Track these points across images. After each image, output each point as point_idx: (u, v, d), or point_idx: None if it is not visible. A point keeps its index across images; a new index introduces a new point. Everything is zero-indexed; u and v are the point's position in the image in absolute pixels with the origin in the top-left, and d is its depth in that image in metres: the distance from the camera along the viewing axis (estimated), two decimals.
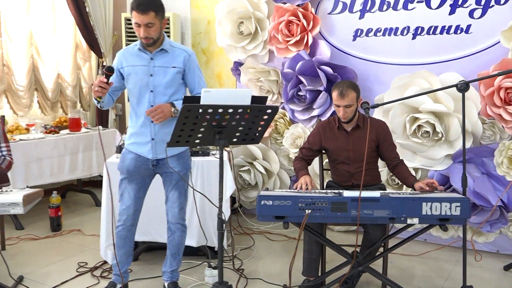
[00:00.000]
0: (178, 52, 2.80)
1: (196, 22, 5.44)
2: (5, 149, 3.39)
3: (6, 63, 4.68)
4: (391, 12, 3.85)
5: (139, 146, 2.83)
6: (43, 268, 3.46)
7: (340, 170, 3.19)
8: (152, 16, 2.61)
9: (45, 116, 5.14)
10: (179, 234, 2.97)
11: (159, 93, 2.76)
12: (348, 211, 2.57)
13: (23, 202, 2.81)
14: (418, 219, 2.57)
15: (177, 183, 2.88)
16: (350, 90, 2.98)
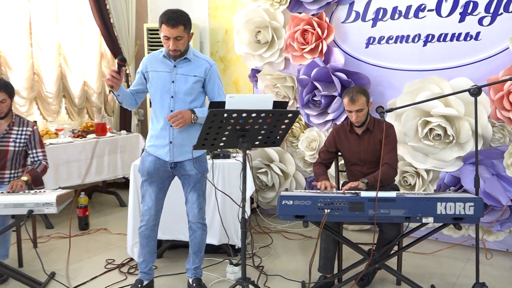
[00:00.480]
0: (201, 62, 2.81)
1: (214, 32, 5.47)
2: (41, 154, 3.43)
3: (36, 71, 4.74)
4: (402, 20, 3.85)
5: (158, 149, 2.84)
6: (73, 265, 3.49)
7: (354, 171, 3.20)
8: (181, 30, 2.63)
9: (72, 121, 5.19)
10: (200, 233, 2.98)
11: (179, 99, 2.77)
12: (366, 210, 2.57)
13: (56, 202, 2.85)
14: (433, 218, 2.56)
15: (195, 185, 2.89)
16: (360, 95, 2.99)
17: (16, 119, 3.36)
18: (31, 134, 3.38)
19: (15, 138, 3.32)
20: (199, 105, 2.84)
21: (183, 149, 2.81)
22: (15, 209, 2.83)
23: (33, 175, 3.28)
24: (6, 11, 4.44)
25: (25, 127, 3.37)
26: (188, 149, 2.76)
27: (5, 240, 3.23)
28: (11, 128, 3.32)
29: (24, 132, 3.35)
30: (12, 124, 3.33)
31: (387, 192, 2.66)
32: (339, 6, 4.12)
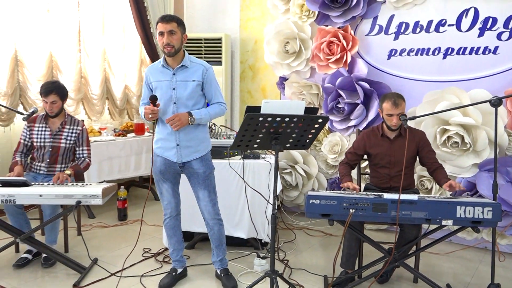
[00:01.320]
0: (197, 67, 2.77)
1: (245, 42, 5.48)
2: (86, 152, 3.48)
3: (83, 75, 4.81)
4: (423, 34, 3.79)
5: (166, 151, 2.82)
6: (113, 252, 3.52)
7: (381, 173, 3.14)
8: (174, 25, 2.65)
9: (113, 121, 5.24)
10: (217, 228, 2.95)
11: (181, 105, 2.74)
12: (388, 211, 2.54)
13: (102, 195, 2.88)
14: (453, 221, 2.51)
15: (204, 182, 2.85)
16: (401, 100, 2.94)
17: (68, 119, 3.42)
18: (80, 132, 3.43)
19: (66, 136, 3.37)
20: (200, 107, 2.80)
21: (189, 150, 2.79)
22: (65, 200, 2.87)
23: (75, 170, 3.33)
24: (59, 20, 4.52)
25: (75, 126, 3.42)
26: (194, 150, 2.78)
27: (55, 227, 3.29)
28: (63, 127, 3.38)
29: (74, 130, 3.41)
30: (64, 123, 3.39)
31: (409, 195, 2.62)
32: (363, 20, 4.08)
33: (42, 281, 2.99)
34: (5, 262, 3.24)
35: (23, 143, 3.37)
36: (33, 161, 3.39)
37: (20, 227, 3.17)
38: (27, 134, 3.36)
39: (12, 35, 4.17)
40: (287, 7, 4.40)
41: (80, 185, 3.02)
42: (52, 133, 3.34)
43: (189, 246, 3.59)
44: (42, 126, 3.35)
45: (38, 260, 3.25)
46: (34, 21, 4.31)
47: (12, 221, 3.18)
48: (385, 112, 2.99)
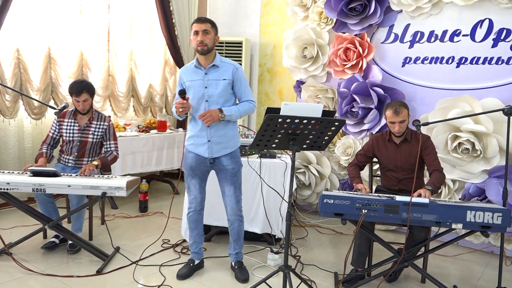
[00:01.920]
0: (227, 66, 2.79)
1: (264, 46, 5.46)
2: (113, 146, 3.50)
3: (111, 74, 4.85)
4: (438, 43, 3.73)
5: (197, 147, 2.83)
6: (134, 242, 3.54)
7: (389, 176, 3.12)
8: (208, 26, 2.69)
9: (138, 117, 5.27)
10: (237, 224, 2.95)
11: (212, 102, 2.75)
12: (400, 213, 2.50)
13: (126, 187, 2.90)
14: (462, 224, 2.47)
15: (231, 178, 2.86)
16: (402, 108, 2.92)
17: (95, 114, 3.44)
18: (107, 128, 3.45)
19: (93, 131, 3.40)
20: (231, 105, 2.81)
21: (220, 146, 2.80)
22: (91, 190, 2.89)
23: (103, 162, 3.35)
24: (90, 21, 4.56)
25: (102, 122, 3.44)
26: (224, 146, 2.79)
27: (80, 216, 3.31)
28: (91, 122, 3.40)
29: (101, 126, 3.43)
30: (92, 118, 3.41)
31: (420, 198, 2.58)
32: (379, 28, 4.03)
33: (67, 266, 3.02)
34: (33, 247, 3.28)
35: (51, 136, 3.40)
36: (62, 154, 3.43)
37: (49, 214, 3.21)
38: (56, 128, 3.39)
39: (46, 34, 4.22)
40: (306, 14, 4.37)
41: (106, 177, 3.05)
42: (80, 128, 3.37)
43: (206, 238, 3.58)
44: (71, 121, 3.37)
45: (64, 246, 3.29)
46: (67, 22, 4.36)
47: (41, 208, 3.21)
48: (388, 119, 2.99)
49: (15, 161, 4.17)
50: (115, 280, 2.86)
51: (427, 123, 2.84)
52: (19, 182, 2.86)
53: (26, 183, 2.86)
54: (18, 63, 4.06)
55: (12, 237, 3.27)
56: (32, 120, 4.23)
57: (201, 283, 2.89)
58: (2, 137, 4.10)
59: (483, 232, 2.50)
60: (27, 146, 4.25)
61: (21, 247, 3.23)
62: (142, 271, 3.00)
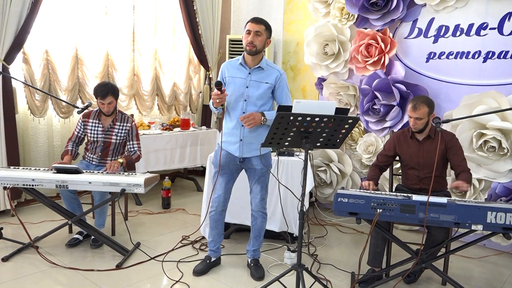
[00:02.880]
0: (272, 71, 2.79)
1: (287, 43, 5.43)
2: (137, 146, 3.57)
3: (136, 73, 4.95)
4: (464, 37, 3.59)
5: (229, 145, 2.84)
6: (155, 237, 3.60)
7: (411, 175, 3.03)
8: (262, 28, 2.69)
9: (162, 116, 5.35)
10: (260, 220, 2.97)
11: (251, 103, 2.76)
12: (416, 213, 2.43)
13: (144, 184, 2.96)
14: (483, 226, 2.37)
15: (259, 178, 2.88)
16: (423, 105, 2.83)
17: (119, 115, 3.52)
18: (129, 129, 3.53)
19: (117, 132, 3.48)
20: (267, 108, 2.82)
21: (251, 147, 2.81)
22: (111, 187, 2.98)
23: (128, 160, 3.43)
24: (116, 22, 4.67)
25: (125, 123, 3.52)
26: (256, 147, 2.78)
27: (103, 212, 3.41)
28: (114, 124, 3.48)
29: (124, 127, 3.51)
30: (115, 120, 3.49)
31: (438, 197, 2.50)
32: (403, 23, 3.92)
33: (90, 260, 3.12)
34: (59, 242, 3.40)
35: (76, 134, 3.51)
36: (87, 152, 3.53)
37: (73, 210, 3.32)
38: (81, 127, 3.50)
39: (73, 36, 4.35)
40: (327, 10, 4.32)
41: (126, 175, 3.12)
42: (104, 129, 3.46)
43: (225, 236, 3.61)
44: (95, 122, 3.47)
45: (88, 241, 3.39)
46: (93, 23, 4.48)
47: (66, 204, 3.33)
48: (407, 112, 2.92)
49: (45, 158, 4.34)
50: (133, 275, 2.93)
51: (447, 120, 2.75)
52: (43, 179, 2.97)
53: (50, 180, 2.97)
54: (47, 64, 4.21)
55: (40, 231, 3.41)
56: (60, 118, 4.38)
57: (217, 279, 2.92)
58: (32, 135, 4.27)
59: (505, 234, 2.39)
60: (56, 143, 4.41)
61: (48, 241, 3.37)
62: (160, 266, 3.06)
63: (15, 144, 3.96)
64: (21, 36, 3.84)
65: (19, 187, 3.05)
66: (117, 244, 3.25)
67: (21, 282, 2.76)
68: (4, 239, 3.30)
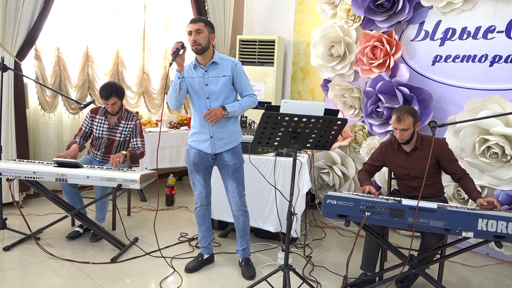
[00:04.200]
0: (226, 63, 2.80)
1: (298, 45, 5.42)
2: (140, 143, 3.64)
3: (145, 71, 5.03)
4: (470, 40, 3.51)
5: (200, 143, 2.86)
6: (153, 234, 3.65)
7: (402, 183, 3.00)
8: (201, 25, 2.69)
9: (171, 114, 5.43)
10: (242, 219, 2.97)
11: (214, 99, 2.77)
12: (405, 218, 2.39)
13: (139, 180, 3.01)
14: (473, 233, 2.31)
15: (233, 174, 2.88)
16: (407, 116, 2.78)
17: (124, 114, 3.59)
18: (133, 126, 3.60)
19: (121, 130, 3.56)
20: (231, 101, 2.82)
21: (222, 142, 2.83)
22: (108, 182, 3.03)
23: (131, 153, 3.49)
24: (127, 21, 4.76)
25: (130, 121, 3.59)
26: (226, 141, 2.82)
27: (103, 206, 3.48)
28: (119, 122, 3.56)
29: (129, 125, 3.58)
30: (121, 118, 3.56)
31: (429, 202, 2.45)
32: (409, 25, 3.86)
33: (87, 253, 3.19)
34: (61, 234, 3.49)
35: (84, 129, 3.59)
36: (92, 147, 3.62)
37: (73, 204, 3.41)
38: (89, 122, 3.58)
39: (84, 34, 4.47)
40: (334, 11, 4.29)
41: (125, 171, 3.18)
42: (109, 126, 3.53)
43: (223, 234, 3.64)
44: (101, 118, 3.55)
45: (88, 234, 3.47)
46: (104, 22, 4.58)
47: (67, 198, 3.42)
48: (392, 125, 2.88)
49: (54, 152, 4.45)
50: (126, 268, 2.98)
51: (442, 124, 2.68)
52: (44, 172, 3.06)
53: (50, 173, 3.05)
54: (58, 61, 4.33)
55: (44, 222, 3.51)
56: (70, 114, 4.50)
57: (208, 277, 2.94)
58: (43, 130, 4.40)
59: (496, 243, 2.33)
60: (65, 139, 4.53)
61: (50, 233, 3.47)
62: (153, 262, 3.11)
63: (25, 138, 4.10)
64: (34, 33, 3.96)
65: (22, 179, 3.15)
66: (114, 238, 3.31)
67: (18, 271, 2.85)
68: (8, 229, 3.41)
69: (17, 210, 3.97)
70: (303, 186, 3.37)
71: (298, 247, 3.49)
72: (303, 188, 3.39)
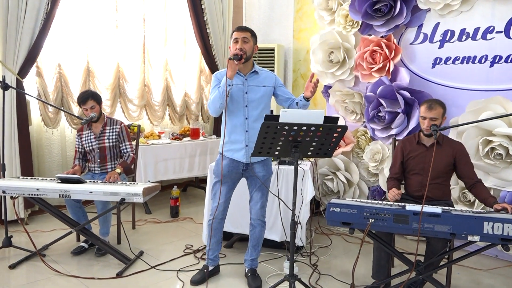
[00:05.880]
0: (267, 74, 2.88)
1: (297, 52, 5.44)
2: (129, 147, 3.64)
3: (146, 84, 5.06)
4: (470, 42, 3.51)
5: (234, 152, 2.85)
6: (160, 246, 3.65)
7: (413, 181, 2.97)
8: (248, 34, 2.74)
9: (173, 126, 5.44)
10: (259, 229, 2.96)
11: (252, 108, 2.79)
12: (410, 223, 2.38)
13: (142, 193, 3.01)
14: (479, 237, 2.29)
15: (260, 185, 2.89)
16: (438, 105, 2.79)
17: (107, 121, 3.62)
18: (119, 130, 3.62)
19: (108, 136, 3.58)
20: (267, 110, 2.86)
21: None
22: (111, 197, 3.04)
23: (124, 167, 3.51)
24: (126, 35, 4.80)
25: (114, 126, 3.61)
26: None
27: (106, 220, 3.48)
28: (104, 129, 3.58)
29: (114, 129, 3.60)
30: (105, 125, 3.59)
31: (432, 207, 2.44)
32: (408, 29, 3.86)
33: (93, 268, 3.18)
34: (66, 250, 3.49)
35: (78, 150, 3.63)
36: (89, 163, 3.65)
37: (78, 219, 3.42)
38: (79, 142, 3.61)
39: (85, 49, 4.51)
40: (332, 17, 4.30)
41: (128, 184, 3.18)
42: (96, 136, 3.56)
43: (228, 245, 3.63)
44: (87, 131, 3.58)
45: (94, 249, 3.47)
46: (104, 36, 4.62)
47: (71, 213, 3.43)
48: (420, 114, 2.87)
49: (58, 168, 4.48)
50: (132, 283, 2.97)
51: (444, 127, 2.67)
52: (47, 189, 3.07)
53: (53, 189, 3.07)
54: (60, 77, 4.37)
55: (50, 239, 3.51)
56: (73, 130, 4.52)
57: None
58: (47, 146, 4.43)
59: (504, 246, 2.30)
60: (69, 154, 4.55)
61: (56, 249, 3.48)
62: (159, 275, 3.10)
63: (29, 155, 4.12)
64: (35, 50, 4.01)
65: (26, 197, 3.17)
66: (120, 252, 3.31)
67: None
68: (14, 247, 3.43)
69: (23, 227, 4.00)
70: (306, 194, 3.36)
71: (304, 256, 3.47)
72: (307, 196, 3.37)
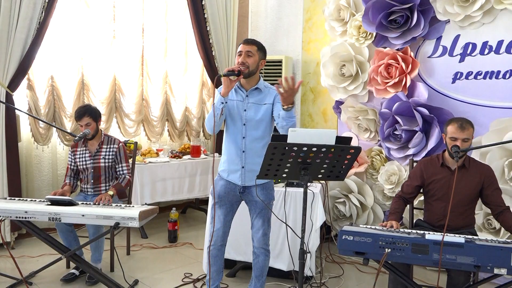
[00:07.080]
0: (270, 91, 2.81)
1: (307, 64, 5.46)
2: (126, 168, 3.65)
3: (145, 98, 5.09)
4: (493, 55, 3.51)
5: (230, 173, 2.84)
6: (157, 275, 3.62)
7: (436, 208, 2.91)
8: (254, 48, 2.72)
9: (173, 142, 5.45)
10: (262, 258, 2.92)
11: (251, 127, 2.77)
12: (430, 254, 2.33)
13: (138, 217, 2.98)
14: (506, 270, 2.25)
15: (261, 211, 2.85)
16: (469, 125, 2.76)
17: (105, 139, 3.63)
18: (117, 150, 3.62)
19: (104, 155, 3.58)
20: (268, 131, 2.81)
21: (253, 174, 2.77)
22: (104, 221, 3.00)
23: (118, 189, 3.49)
24: (124, 46, 4.84)
25: (112, 145, 3.62)
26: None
27: (98, 246, 3.46)
28: (100, 147, 3.59)
29: (111, 149, 3.60)
30: (101, 143, 3.60)
31: (454, 236, 2.40)
32: (426, 41, 3.88)
33: None
34: (55, 277, 3.47)
35: (70, 168, 3.63)
36: (81, 183, 3.65)
37: (69, 244, 3.40)
38: (72, 158, 3.62)
39: (79, 60, 4.56)
40: (344, 28, 4.33)
41: (123, 207, 3.17)
42: (91, 154, 3.56)
43: (230, 274, 3.59)
44: (82, 149, 3.59)
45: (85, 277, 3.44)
46: (100, 47, 4.67)
47: (62, 237, 3.41)
48: (449, 135, 2.79)
49: (48, 187, 4.49)
50: None
51: (467, 149, 2.65)
52: (36, 211, 3.04)
53: (43, 212, 3.04)
54: (52, 90, 4.41)
55: (38, 265, 3.48)
56: (65, 146, 4.54)
57: None
58: (36, 164, 4.45)
59: None
60: (60, 172, 4.56)
61: (44, 276, 3.45)
62: None
63: (17, 173, 4.13)
64: (26, 62, 4.05)
65: (13, 220, 3.16)
66: (112, 281, 3.26)
67: None
68: None
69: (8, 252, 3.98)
70: (316, 219, 3.33)
71: (314, 287, 3.42)
72: (317, 222, 3.34)
